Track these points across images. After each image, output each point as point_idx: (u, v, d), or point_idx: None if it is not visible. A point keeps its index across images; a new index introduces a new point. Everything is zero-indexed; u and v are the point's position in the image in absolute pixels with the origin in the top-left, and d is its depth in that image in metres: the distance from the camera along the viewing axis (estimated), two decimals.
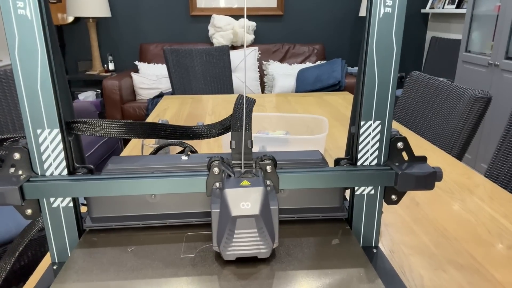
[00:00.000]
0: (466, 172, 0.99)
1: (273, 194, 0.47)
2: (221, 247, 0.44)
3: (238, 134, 0.49)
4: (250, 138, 0.49)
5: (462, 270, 0.60)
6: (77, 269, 0.46)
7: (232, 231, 0.44)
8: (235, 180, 0.46)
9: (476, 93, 1.24)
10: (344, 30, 3.90)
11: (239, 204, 0.43)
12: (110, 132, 0.50)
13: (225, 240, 0.44)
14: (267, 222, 0.44)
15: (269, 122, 1.22)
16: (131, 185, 0.48)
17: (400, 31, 0.47)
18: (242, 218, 0.43)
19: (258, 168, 0.49)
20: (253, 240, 0.44)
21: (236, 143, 0.49)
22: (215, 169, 0.48)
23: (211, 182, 0.48)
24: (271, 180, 0.49)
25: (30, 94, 0.46)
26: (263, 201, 0.44)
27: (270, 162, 0.49)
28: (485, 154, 2.63)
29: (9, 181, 0.46)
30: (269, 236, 0.44)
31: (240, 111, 0.49)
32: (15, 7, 0.43)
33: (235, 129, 0.49)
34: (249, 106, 0.50)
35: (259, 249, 0.45)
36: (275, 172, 0.49)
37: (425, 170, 0.49)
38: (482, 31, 2.80)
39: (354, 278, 0.44)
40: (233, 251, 0.44)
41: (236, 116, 0.49)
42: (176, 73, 2.50)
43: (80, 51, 3.81)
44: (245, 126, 0.49)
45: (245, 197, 0.44)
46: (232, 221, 0.43)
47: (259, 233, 0.44)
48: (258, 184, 0.45)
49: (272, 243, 0.45)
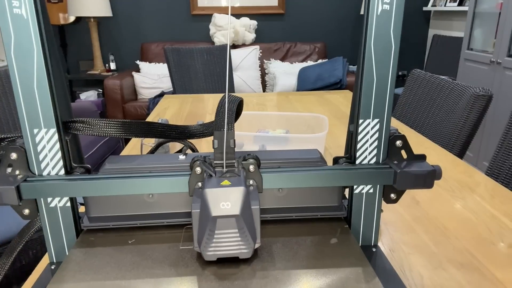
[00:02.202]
0: (467, 170, 0.98)
1: (255, 194, 0.46)
2: (202, 248, 0.44)
3: (220, 134, 0.48)
4: (233, 138, 0.48)
5: (462, 269, 0.60)
6: (74, 268, 0.46)
7: (213, 231, 0.43)
8: (215, 180, 0.46)
9: (477, 91, 1.23)
10: (346, 28, 3.89)
11: (219, 204, 0.43)
12: (107, 132, 0.50)
13: (206, 241, 0.44)
14: (248, 222, 0.44)
15: (269, 121, 1.22)
16: (129, 184, 0.48)
17: (399, 28, 0.47)
18: (222, 218, 0.43)
19: (240, 168, 0.49)
20: (234, 241, 0.44)
21: (219, 142, 0.48)
22: (197, 169, 0.47)
23: (193, 182, 0.48)
24: (254, 180, 0.49)
25: (26, 93, 0.46)
26: (244, 201, 0.44)
27: (253, 161, 0.49)
28: (487, 152, 2.62)
29: (6, 181, 0.46)
30: (250, 236, 0.44)
31: (223, 110, 0.49)
32: (10, 7, 0.43)
33: (217, 128, 0.48)
34: (232, 105, 0.50)
35: (240, 249, 0.44)
36: (258, 171, 0.49)
37: (424, 168, 0.49)
38: (484, 29, 2.79)
39: (352, 278, 0.44)
40: (213, 252, 0.44)
41: (219, 115, 0.49)
42: (177, 72, 2.50)
43: (81, 50, 3.82)
44: (227, 125, 0.48)
45: (225, 197, 0.43)
46: (212, 221, 0.43)
47: (240, 233, 0.44)
48: (238, 184, 0.44)
49: (253, 243, 0.45)
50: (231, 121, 0.49)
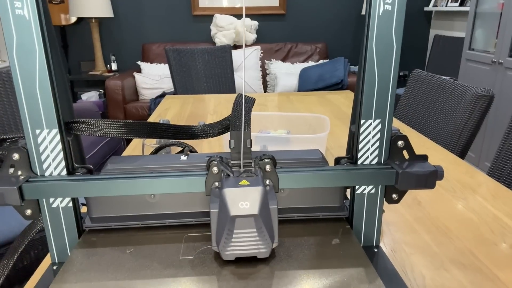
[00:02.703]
0: (468, 171, 0.98)
1: (272, 193, 0.46)
2: (220, 247, 0.44)
3: (237, 134, 0.49)
4: (249, 138, 0.49)
5: (464, 269, 0.60)
6: (76, 269, 0.46)
7: (231, 231, 0.43)
8: (234, 180, 0.46)
9: (479, 91, 1.23)
10: (347, 28, 3.89)
11: (238, 204, 0.43)
12: (109, 132, 0.50)
13: (224, 240, 0.44)
14: (266, 221, 0.44)
15: (270, 121, 1.21)
16: (130, 185, 0.48)
17: (400, 28, 0.47)
18: (241, 217, 0.43)
19: (257, 168, 0.49)
20: (252, 240, 0.44)
21: (235, 142, 0.49)
22: (214, 169, 0.47)
23: (210, 181, 0.48)
24: (271, 180, 0.49)
25: (28, 94, 0.46)
26: (262, 201, 0.44)
27: (270, 161, 0.49)
28: (489, 153, 2.61)
29: (8, 182, 0.46)
30: (269, 236, 0.44)
31: (239, 110, 0.49)
32: (12, 7, 0.43)
33: (234, 128, 0.49)
34: (248, 105, 0.50)
35: (258, 249, 0.45)
36: (274, 171, 0.49)
37: (426, 169, 0.49)
38: (486, 29, 2.78)
39: (354, 278, 0.44)
40: (232, 251, 0.44)
41: (235, 116, 0.49)
42: (178, 73, 2.50)
43: (83, 51, 3.82)
44: (244, 125, 0.48)
45: (244, 197, 0.43)
46: (231, 220, 0.43)
47: (258, 233, 0.44)
48: (257, 184, 0.45)
49: (271, 243, 0.45)
50: (248, 121, 0.49)
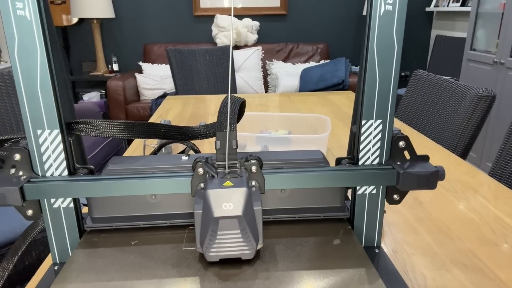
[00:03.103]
0: (470, 171, 0.98)
1: (258, 194, 0.46)
2: (204, 248, 0.44)
3: (222, 134, 0.48)
4: (235, 138, 0.48)
5: (466, 270, 0.60)
6: (77, 269, 0.46)
7: (215, 232, 0.43)
8: (218, 181, 0.46)
9: (480, 91, 1.23)
10: (348, 29, 3.88)
11: (222, 205, 0.43)
12: (110, 133, 0.50)
13: (208, 241, 0.44)
14: (250, 223, 0.44)
15: (271, 121, 1.21)
16: (131, 185, 0.48)
17: (401, 29, 0.46)
18: (224, 219, 0.43)
19: (242, 169, 0.49)
20: (236, 241, 0.44)
21: (221, 143, 0.48)
22: (200, 170, 0.47)
23: (195, 182, 0.48)
24: (256, 181, 0.49)
25: (30, 95, 0.46)
26: (246, 202, 0.44)
27: (256, 162, 0.49)
28: (490, 153, 2.61)
29: (10, 182, 0.46)
30: (253, 237, 0.44)
31: (225, 111, 0.49)
32: (14, 8, 0.43)
33: (219, 129, 0.48)
34: (234, 106, 0.50)
35: (242, 250, 0.44)
36: (260, 172, 0.49)
37: (427, 169, 0.49)
38: (487, 29, 2.78)
39: (355, 279, 0.44)
40: (216, 252, 0.44)
41: (221, 116, 0.49)
42: (179, 74, 2.51)
43: (84, 52, 3.83)
44: (229, 126, 0.48)
45: (227, 198, 0.43)
46: (214, 222, 0.43)
47: (242, 234, 0.44)
48: (241, 185, 0.45)
49: (255, 244, 0.45)
50: (233, 122, 0.49)
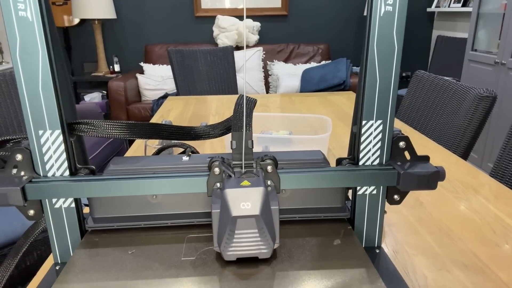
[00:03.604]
0: (471, 172, 0.98)
1: (274, 194, 0.47)
2: (222, 248, 0.44)
3: (238, 134, 0.49)
4: (251, 138, 0.49)
5: (467, 270, 0.60)
6: (78, 269, 0.46)
7: (233, 231, 0.43)
8: (235, 180, 0.46)
9: (481, 92, 1.23)
10: (349, 29, 3.88)
11: (240, 204, 0.43)
12: (112, 133, 0.50)
13: (226, 241, 0.44)
14: (267, 222, 0.44)
15: (272, 122, 1.22)
16: (133, 185, 0.48)
17: (401, 29, 0.47)
18: (242, 218, 0.43)
19: (258, 168, 0.49)
20: (253, 241, 0.44)
21: (237, 143, 0.49)
22: (216, 169, 0.48)
23: (211, 182, 0.48)
24: (272, 180, 0.49)
25: (31, 95, 0.46)
26: (264, 201, 0.44)
27: (271, 162, 0.49)
28: (492, 153, 2.60)
29: (12, 182, 0.47)
30: (270, 236, 0.44)
31: (241, 111, 0.49)
32: (16, 9, 0.43)
33: (235, 129, 0.49)
34: (250, 106, 0.50)
35: (259, 250, 0.45)
36: (276, 172, 0.49)
37: (428, 169, 0.49)
38: (489, 30, 2.77)
39: (355, 279, 0.44)
40: (233, 252, 0.44)
41: (237, 116, 0.49)
42: (180, 74, 2.51)
43: (85, 52, 3.83)
44: (245, 126, 0.49)
45: (245, 197, 0.44)
46: (232, 221, 0.43)
47: (260, 233, 0.44)
48: (258, 184, 0.45)
49: (273, 243, 0.45)
50: (249, 122, 0.49)
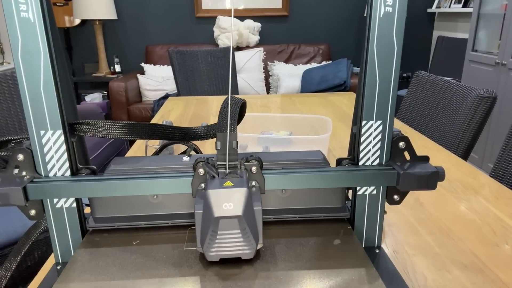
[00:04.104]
0: (471, 172, 0.98)
1: (258, 195, 0.47)
2: (205, 248, 0.45)
3: (223, 135, 0.49)
4: (236, 139, 0.49)
5: (466, 270, 0.60)
6: (80, 269, 0.46)
7: (215, 232, 0.44)
8: (218, 181, 0.46)
9: (481, 92, 1.23)
10: (350, 29, 3.89)
11: (222, 205, 0.43)
12: (112, 134, 0.50)
13: (208, 241, 0.44)
14: (250, 223, 0.44)
15: (273, 122, 1.22)
16: (133, 185, 0.49)
17: (401, 30, 0.47)
18: (224, 219, 0.43)
19: (243, 169, 0.49)
20: (236, 241, 0.44)
21: (221, 144, 0.49)
22: (200, 170, 0.48)
23: (196, 183, 0.48)
24: (257, 181, 0.49)
25: (33, 96, 0.47)
26: (246, 202, 0.44)
27: (256, 163, 0.49)
28: (492, 154, 2.60)
29: (13, 182, 0.47)
30: (253, 237, 0.45)
31: (226, 112, 0.49)
32: (18, 10, 0.43)
33: (220, 130, 0.49)
34: (235, 107, 0.50)
35: (242, 250, 0.45)
36: (260, 172, 0.49)
37: (427, 169, 0.49)
38: (489, 30, 2.78)
39: (355, 279, 0.44)
40: (216, 252, 0.45)
41: (222, 117, 0.49)
42: (181, 75, 2.51)
43: (86, 53, 3.84)
44: (230, 127, 0.49)
45: (227, 198, 0.44)
46: (215, 221, 0.43)
47: (242, 234, 0.44)
48: (241, 185, 0.45)
49: (255, 244, 0.45)
50: (234, 123, 0.49)
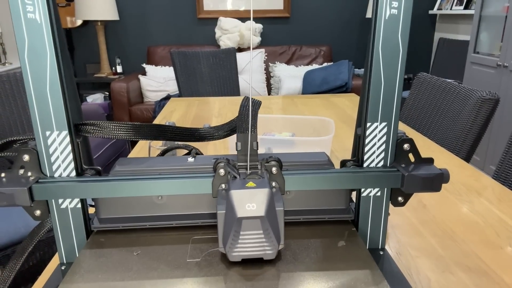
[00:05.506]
0: (474, 174, 0.98)
1: (279, 195, 0.47)
2: (227, 248, 0.45)
3: (243, 136, 0.49)
4: (256, 140, 0.49)
5: (470, 272, 0.60)
6: (84, 269, 0.47)
7: (238, 232, 0.44)
8: (240, 182, 0.46)
9: (484, 94, 1.23)
10: (351, 31, 3.89)
11: (245, 205, 0.44)
12: (117, 134, 0.50)
13: (231, 241, 0.44)
14: (272, 223, 0.44)
15: (275, 124, 1.22)
16: (138, 186, 0.49)
17: (406, 32, 0.47)
18: (247, 219, 0.43)
19: (263, 170, 0.49)
20: (258, 242, 0.44)
21: (242, 144, 0.49)
22: (221, 171, 0.48)
23: (217, 183, 0.48)
24: (277, 182, 0.49)
25: (39, 96, 0.47)
26: (269, 203, 0.44)
27: (276, 163, 0.49)
28: (494, 156, 2.60)
29: (19, 182, 0.47)
30: (275, 237, 0.45)
31: (246, 113, 0.49)
32: (24, 11, 0.44)
33: (240, 130, 0.49)
34: (255, 108, 0.50)
35: (264, 250, 0.45)
36: (280, 173, 0.49)
37: (432, 171, 0.49)
38: (491, 32, 2.78)
39: (360, 280, 0.44)
40: (238, 252, 0.45)
41: (242, 118, 0.50)
42: (183, 76, 2.51)
43: (88, 54, 3.85)
44: (250, 127, 0.49)
45: (250, 198, 0.44)
46: (237, 222, 0.43)
47: (265, 234, 0.44)
48: (263, 186, 0.45)
49: (277, 244, 0.45)
50: (255, 124, 0.49)
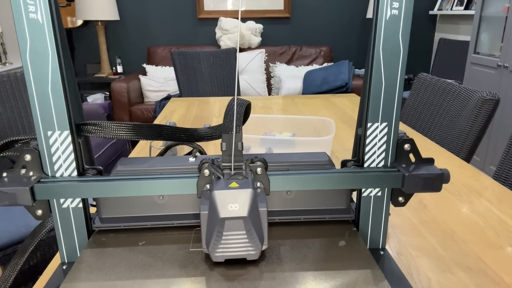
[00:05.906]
0: (474, 174, 0.98)
1: (263, 196, 0.47)
2: (210, 249, 0.45)
3: (228, 136, 0.49)
4: (241, 140, 0.49)
5: (470, 272, 0.60)
6: (86, 269, 0.47)
7: (221, 233, 0.44)
8: (224, 182, 0.46)
9: (484, 95, 1.23)
10: (351, 31, 3.89)
11: (227, 206, 0.44)
12: (119, 134, 0.51)
13: (214, 242, 0.44)
14: (255, 224, 0.44)
15: (275, 124, 1.22)
16: (140, 186, 0.49)
17: (407, 33, 0.47)
18: (230, 219, 0.43)
19: (248, 170, 0.49)
20: (241, 242, 0.45)
21: (227, 145, 0.49)
22: (206, 171, 0.48)
23: (201, 184, 0.49)
24: (262, 182, 0.49)
25: (41, 96, 0.47)
26: (252, 203, 0.44)
27: (261, 164, 0.49)
28: (494, 156, 2.60)
29: (20, 182, 0.47)
30: (258, 238, 0.45)
31: (231, 113, 0.50)
32: (26, 12, 0.44)
33: (225, 131, 0.49)
34: (240, 108, 0.50)
35: (247, 251, 0.45)
36: (265, 174, 0.49)
37: (433, 172, 0.49)
38: (491, 33, 2.78)
39: (361, 280, 0.44)
40: (221, 253, 0.45)
41: (227, 118, 0.50)
42: (183, 76, 2.52)
43: (89, 54, 3.85)
44: (235, 128, 0.49)
45: (233, 199, 0.44)
46: (220, 222, 0.44)
47: (248, 235, 0.44)
48: (246, 186, 0.45)
49: (261, 244, 0.45)
50: (239, 124, 0.49)
